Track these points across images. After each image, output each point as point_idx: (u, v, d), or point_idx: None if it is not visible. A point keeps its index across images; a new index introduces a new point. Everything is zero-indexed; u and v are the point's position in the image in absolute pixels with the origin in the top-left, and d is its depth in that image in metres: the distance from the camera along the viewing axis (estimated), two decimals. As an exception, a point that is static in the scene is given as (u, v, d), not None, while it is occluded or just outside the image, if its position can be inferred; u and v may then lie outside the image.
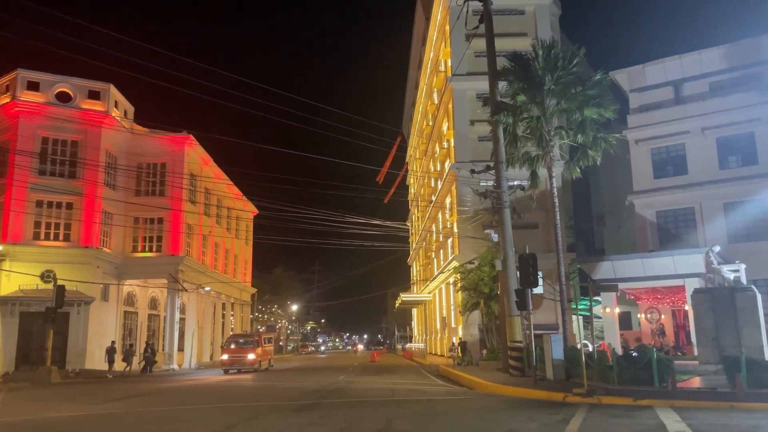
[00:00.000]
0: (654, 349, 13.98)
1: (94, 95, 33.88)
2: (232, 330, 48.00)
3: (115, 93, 34.87)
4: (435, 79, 41.25)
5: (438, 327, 41.73)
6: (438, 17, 37.98)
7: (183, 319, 37.45)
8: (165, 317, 36.55)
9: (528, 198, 23.29)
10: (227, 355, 29.26)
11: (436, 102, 40.62)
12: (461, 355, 27.44)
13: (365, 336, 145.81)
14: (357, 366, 34.55)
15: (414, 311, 63.25)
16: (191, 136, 37.52)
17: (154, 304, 39.33)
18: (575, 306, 16.52)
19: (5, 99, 32.37)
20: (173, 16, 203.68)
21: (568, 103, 19.34)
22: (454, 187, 32.55)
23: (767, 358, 14.84)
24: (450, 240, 34.65)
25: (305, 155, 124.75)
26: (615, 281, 20.91)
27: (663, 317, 27.34)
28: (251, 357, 28.90)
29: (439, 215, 39.60)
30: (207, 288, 40.24)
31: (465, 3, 20.87)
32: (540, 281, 17.80)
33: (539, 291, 19.63)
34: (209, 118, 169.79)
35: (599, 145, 19.56)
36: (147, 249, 36.09)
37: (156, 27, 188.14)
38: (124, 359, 30.55)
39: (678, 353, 23.84)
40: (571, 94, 19.20)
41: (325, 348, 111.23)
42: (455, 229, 32.22)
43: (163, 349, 35.24)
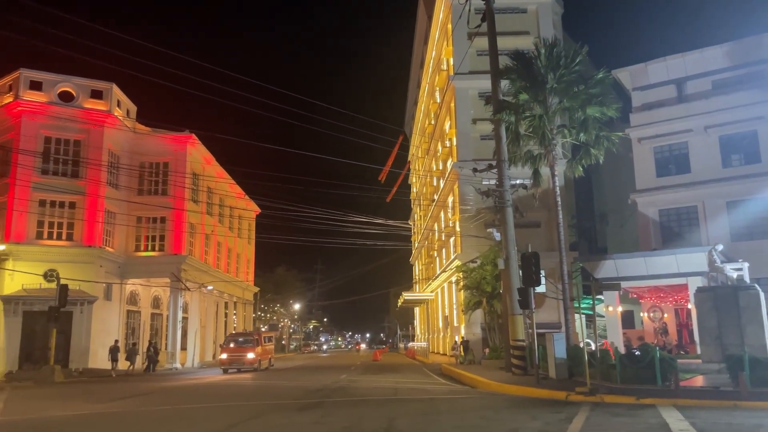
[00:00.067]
0: (657, 348, 13.96)
1: (96, 95, 33.93)
2: (234, 329, 48.05)
3: (118, 92, 34.91)
4: (437, 78, 41.21)
5: (440, 326, 41.75)
6: (440, 16, 37.95)
7: (186, 318, 37.54)
8: (168, 316, 36.62)
9: (530, 197, 23.25)
10: (226, 354, 28.98)
11: (438, 101, 40.59)
12: (464, 354, 27.44)
13: (367, 335, 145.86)
14: (359, 365, 34.56)
15: (416, 310, 63.27)
16: (193, 135, 37.55)
17: (156, 303, 39.42)
18: (578, 305, 16.56)
19: (8, 98, 32.44)
20: (173, 16, 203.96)
21: (570, 102, 19.30)
22: (456, 186, 32.53)
23: (770, 356, 14.81)
24: (452, 239, 34.65)
25: (307, 154, 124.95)
26: (618, 280, 20.86)
27: (666, 316, 27.30)
28: (251, 356, 28.58)
29: (442, 214, 39.58)
30: (210, 287, 40.31)
31: (467, 1, 20.87)
32: (542, 280, 17.77)
33: (542, 290, 19.63)
34: (211, 117, 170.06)
35: (602, 144, 19.52)
36: (150, 248, 36.16)
37: (156, 27, 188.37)
38: (127, 358, 30.61)
39: (681, 352, 23.83)
40: (574, 92, 19.16)
41: (328, 347, 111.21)
42: (457, 228, 32.21)
43: (166, 348, 35.33)
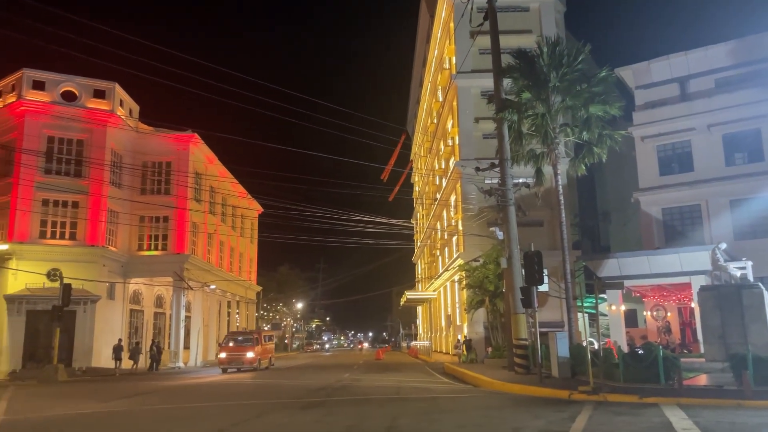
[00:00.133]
0: (660, 347, 13.93)
1: (99, 94, 33.98)
2: (237, 328, 48.10)
3: (120, 92, 34.97)
4: (439, 77, 41.19)
5: (443, 325, 41.76)
6: (442, 15, 37.93)
7: (188, 317, 37.59)
8: (171, 315, 36.70)
9: (533, 195, 23.25)
10: (225, 353, 28.53)
11: (440, 99, 40.56)
12: (466, 353, 27.43)
13: (370, 334, 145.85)
14: (362, 364, 34.57)
15: (419, 309, 63.32)
16: (196, 134, 37.58)
17: (159, 302, 39.50)
18: (581, 303, 16.54)
19: (11, 98, 32.51)
20: (173, 16, 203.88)
21: (573, 100, 19.26)
22: (458, 185, 32.53)
23: (774, 355, 14.77)
24: (455, 238, 34.65)
25: (310, 153, 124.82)
26: (621, 279, 20.81)
27: (669, 315, 27.25)
28: (250, 355, 28.20)
29: (444, 213, 39.58)
30: (212, 286, 40.35)
31: (469, 0, 20.84)
32: (545, 279, 17.76)
33: (544, 289, 19.59)
34: (214, 116, 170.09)
35: (605, 142, 19.48)
36: (152, 247, 36.21)
37: (156, 27, 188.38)
38: (130, 357, 30.68)
39: (684, 351, 23.76)
40: (576, 91, 19.12)
41: (330, 346, 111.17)
42: (460, 227, 32.21)
43: (169, 347, 35.38)
